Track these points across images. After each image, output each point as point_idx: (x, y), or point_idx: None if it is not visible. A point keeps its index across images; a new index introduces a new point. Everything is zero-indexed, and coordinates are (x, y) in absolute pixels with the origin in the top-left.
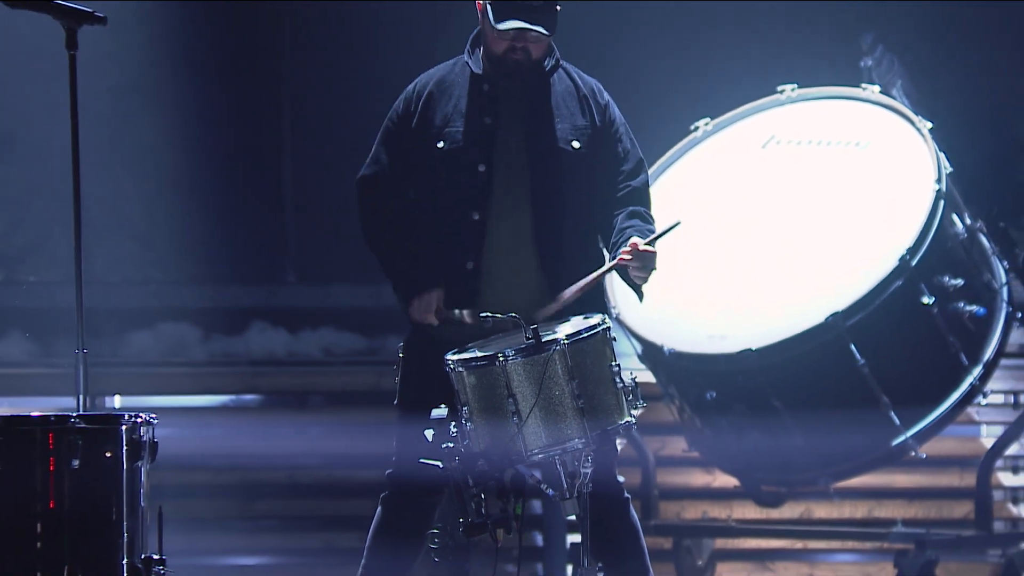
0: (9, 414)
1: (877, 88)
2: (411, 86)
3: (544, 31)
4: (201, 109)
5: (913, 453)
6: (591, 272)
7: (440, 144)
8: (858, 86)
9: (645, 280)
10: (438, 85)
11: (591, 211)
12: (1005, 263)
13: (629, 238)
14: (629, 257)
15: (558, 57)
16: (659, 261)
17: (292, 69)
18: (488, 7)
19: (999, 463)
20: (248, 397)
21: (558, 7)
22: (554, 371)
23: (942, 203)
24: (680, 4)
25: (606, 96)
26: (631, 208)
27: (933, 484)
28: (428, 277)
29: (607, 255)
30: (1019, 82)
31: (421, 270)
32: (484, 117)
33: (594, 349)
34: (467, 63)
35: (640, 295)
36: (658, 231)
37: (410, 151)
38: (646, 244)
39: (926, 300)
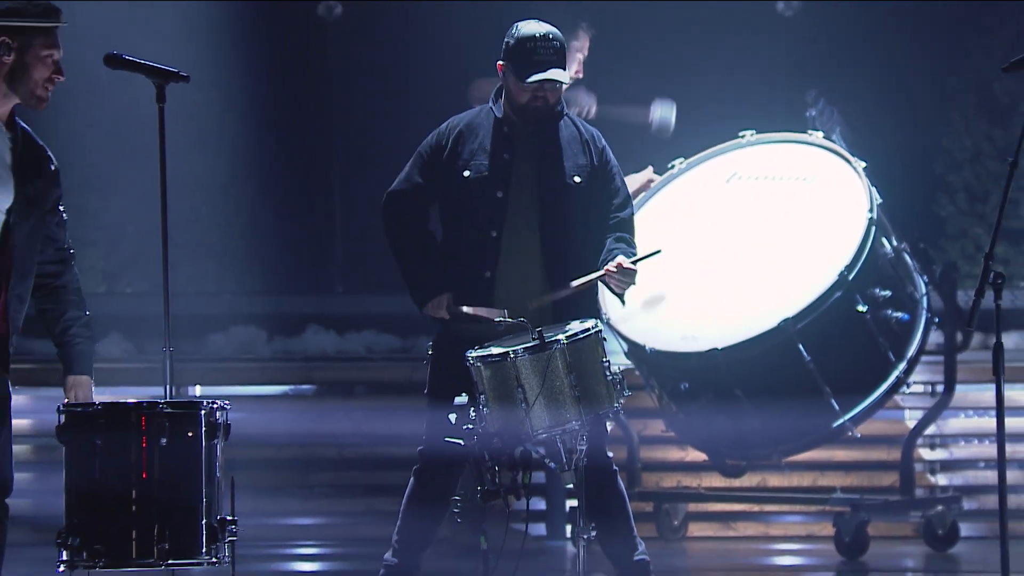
0: (110, 401)
1: (820, 134)
2: (444, 125)
3: (562, 80)
4: (264, 152)
5: (850, 433)
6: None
7: (466, 173)
8: (805, 132)
9: (624, 291)
10: (467, 126)
11: (588, 234)
12: (925, 277)
13: (615, 256)
14: (614, 270)
15: (564, 108)
16: (644, 276)
17: (341, 120)
18: (511, 67)
19: (919, 441)
20: (304, 387)
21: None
22: (556, 366)
23: (874, 228)
24: (658, 64)
25: (603, 142)
26: (618, 234)
27: (866, 458)
28: (438, 282)
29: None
30: (937, 130)
31: (432, 274)
32: (503, 153)
33: (589, 348)
34: (491, 109)
35: (622, 301)
36: (640, 255)
37: (439, 177)
38: (629, 263)
39: (861, 308)
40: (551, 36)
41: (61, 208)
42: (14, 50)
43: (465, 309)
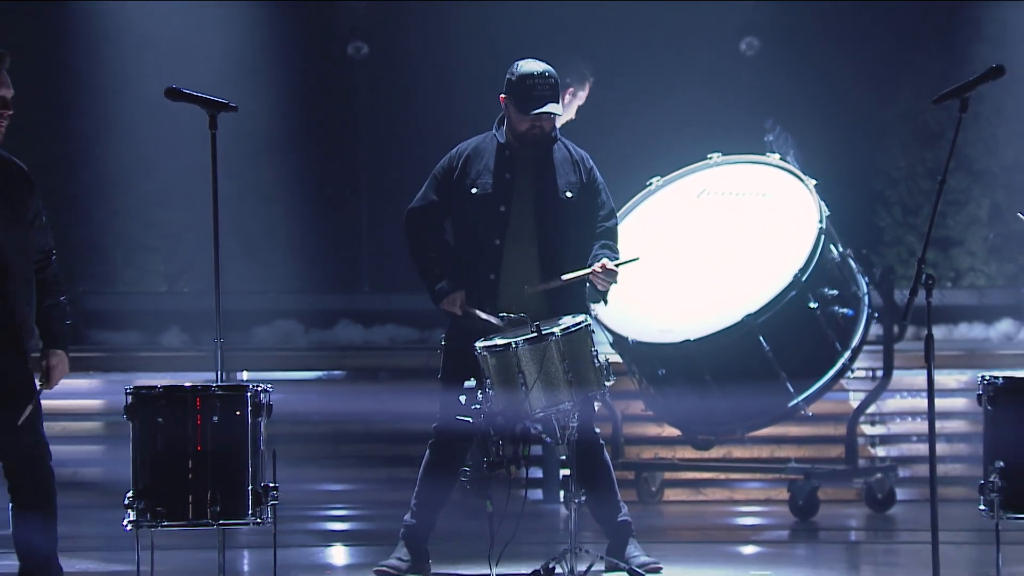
0: (170, 384)
1: (777, 156)
2: (454, 150)
3: (557, 112)
4: (300, 171)
5: (802, 412)
6: (575, 279)
7: (474, 191)
8: (764, 154)
9: (607, 289)
10: (474, 150)
11: (578, 241)
12: (866, 279)
13: (600, 259)
14: (599, 271)
15: (557, 134)
16: (629, 279)
17: (365, 144)
18: (512, 100)
19: (862, 418)
20: (336, 373)
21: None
22: (551, 355)
23: (823, 237)
24: (639, 95)
25: (591, 163)
26: (604, 241)
27: (816, 433)
28: (453, 283)
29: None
30: (876, 153)
31: (448, 277)
32: (506, 173)
33: (580, 339)
34: (495, 135)
35: (605, 301)
36: (622, 259)
37: (451, 195)
38: (612, 265)
39: (812, 305)
40: (547, 74)
41: (43, 216)
42: None
43: (477, 313)
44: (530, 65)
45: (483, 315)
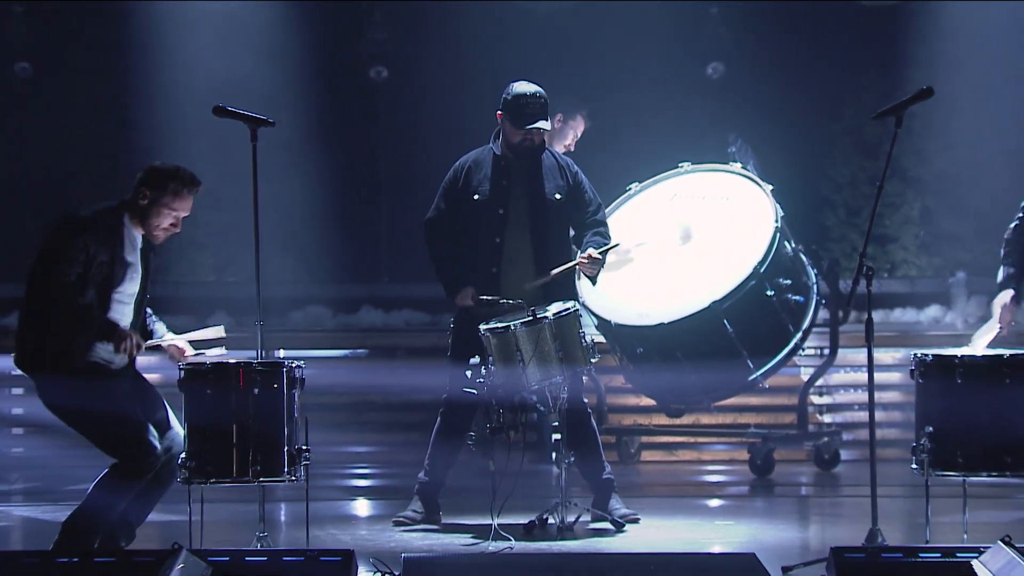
0: (217, 361)
1: (739, 165)
2: (458, 163)
3: (545, 128)
4: (328, 179)
5: (760, 384)
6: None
7: (475, 196)
8: (727, 163)
9: (595, 274)
10: (475, 162)
11: (566, 236)
12: (815, 270)
13: (587, 248)
14: (585, 260)
15: (545, 144)
16: (612, 271)
17: (385, 156)
18: (507, 116)
19: (811, 390)
20: (359, 351)
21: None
22: (545, 335)
23: (778, 234)
24: (620, 112)
25: (575, 167)
26: (596, 229)
27: (772, 403)
28: (465, 279)
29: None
30: (823, 162)
31: (461, 275)
32: (502, 181)
33: (569, 322)
34: (492, 148)
35: (593, 282)
36: (604, 247)
37: (457, 202)
38: (597, 254)
39: (769, 293)
40: (538, 95)
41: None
42: (150, 201)
43: (483, 298)
44: (523, 86)
45: (490, 298)
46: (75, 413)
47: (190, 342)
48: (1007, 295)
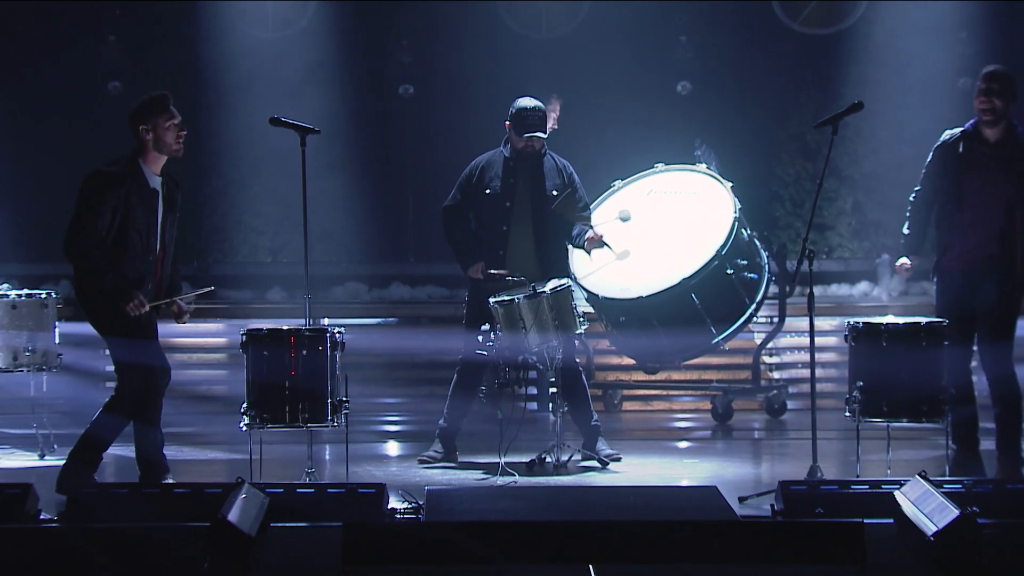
0: (272, 327)
1: (704, 165)
2: (474, 162)
3: (543, 136)
4: (365, 176)
5: (722, 347)
6: (568, 250)
7: (487, 191)
8: (694, 164)
9: (591, 249)
10: (487, 162)
11: (561, 225)
12: (767, 252)
13: (587, 232)
14: (595, 237)
15: (546, 150)
16: (599, 253)
17: (411, 158)
18: (513, 126)
19: (763, 352)
20: (390, 319)
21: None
22: (543, 307)
23: (736, 223)
24: (603, 122)
25: (571, 168)
26: (582, 224)
27: (731, 362)
28: (476, 257)
29: (570, 247)
30: (773, 163)
31: (471, 252)
32: (510, 179)
33: (564, 295)
34: (502, 151)
35: (590, 254)
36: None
37: (472, 194)
38: (604, 240)
39: (729, 271)
40: (537, 108)
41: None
42: (150, 130)
43: (491, 272)
44: (525, 101)
45: (497, 272)
46: (109, 339)
47: (186, 302)
48: (904, 261)
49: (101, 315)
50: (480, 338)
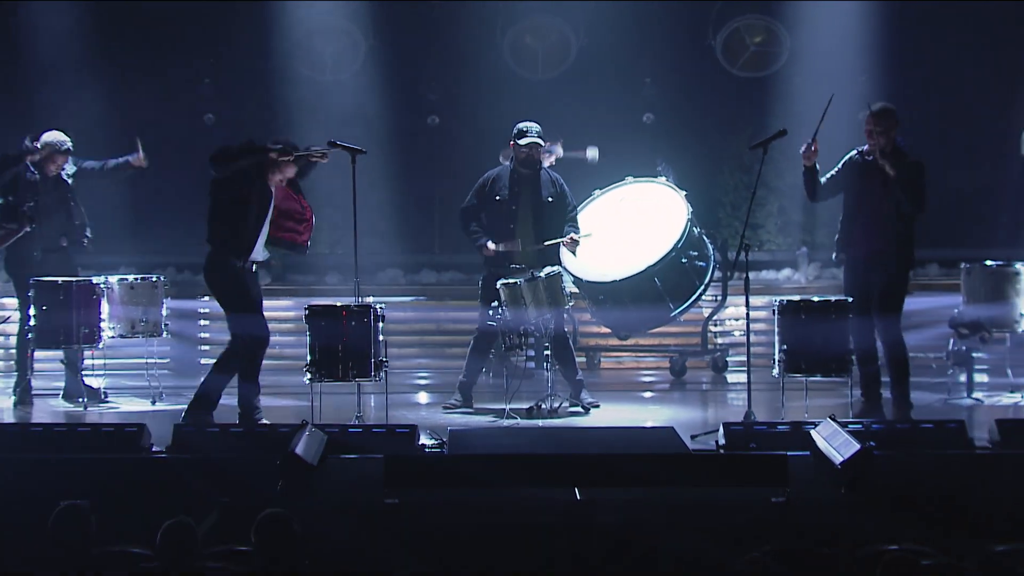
0: (328, 304)
1: (664, 179)
2: (486, 175)
3: (538, 141)
4: (400, 181)
5: (678, 319)
6: (553, 245)
7: (497, 197)
8: (656, 177)
9: (574, 249)
10: (497, 175)
11: (555, 226)
12: (713, 246)
13: (568, 233)
14: (568, 240)
15: (542, 165)
16: (584, 247)
17: (439, 162)
18: (515, 139)
19: (710, 323)
20: (420, 297)
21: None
22: (539, 289)
23: (689, 223)
24: (587, 143)
25: (561, 181)
26: (571, 224)
27: (685, 331)
28: (486, 239)
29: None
30: (716, 177)
31: (484, 236)
32: (515, 187)
33: (555, 279)
34: (508, 166)
35: (574, 253)
36: (582, 234)
37: (484, 199)
38: (578, 238)
39: (683, 260)
40: (532, 125)
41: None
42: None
43: (500, 247)
44: (523, 123)
45: (504, 247)
46: (230, 313)
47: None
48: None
49: (226, 293)
50: (491, 312)
